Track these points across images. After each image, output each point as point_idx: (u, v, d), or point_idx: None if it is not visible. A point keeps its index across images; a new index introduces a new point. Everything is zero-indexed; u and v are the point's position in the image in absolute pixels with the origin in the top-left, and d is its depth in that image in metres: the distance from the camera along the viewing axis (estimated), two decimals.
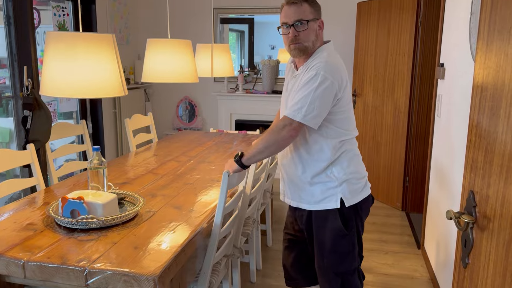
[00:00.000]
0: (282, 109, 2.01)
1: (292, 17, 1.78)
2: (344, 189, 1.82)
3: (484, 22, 1.10)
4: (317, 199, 1.85)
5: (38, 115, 2.55)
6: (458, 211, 1.17)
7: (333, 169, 1.83)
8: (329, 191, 1.83)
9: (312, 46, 1.81)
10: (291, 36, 1.79)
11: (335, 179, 1.83)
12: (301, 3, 1.77)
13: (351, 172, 1.85)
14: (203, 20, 5.31)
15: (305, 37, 1.79)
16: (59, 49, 1.61)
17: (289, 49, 1.84)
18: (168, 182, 2.33)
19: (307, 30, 1.78)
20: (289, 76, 1.96)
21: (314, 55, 1.82)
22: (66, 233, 1.67)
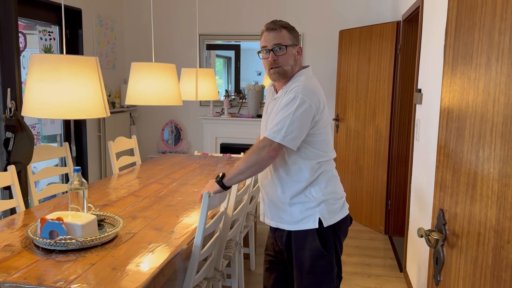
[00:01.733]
0: (262, 131, 2.05)
1: (271, 41, 1.84)
2: (322, 209, 1.85)
3: (448, 48, 1.16)
4: (296, 219, 1.87)
5: (20, 137, 2.54)
6: (428, 229, 1.20)
7: (312, 190, 1.86)
8: (308, 211, 1.86)
9: (291, 70, 1.87)
10: (270, 60, 1.85)
11: (314, 199, 1.86)
12: (280, 29, 1.85)
13: (329, 193, 1.89)
14: (189, 46, 5.40)
15: (284, 61, 1.85)
16: (42, 70, 1.64)
17: (269, 73, 1.89)
18: (149, 204, 2.33)
19: (286, 54, 1.85)
20: (269, 99, 2.01)
21: (293, 79, 1.88)
22: (44, 254, 1.65)
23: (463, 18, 1.10)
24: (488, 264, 0.95)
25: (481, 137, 0.99)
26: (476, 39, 1.02)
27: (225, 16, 5.27)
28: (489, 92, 0.95)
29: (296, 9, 4.99)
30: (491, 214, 0.95)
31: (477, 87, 1.02)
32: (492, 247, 0.94)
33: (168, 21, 5.39)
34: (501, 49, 0.91)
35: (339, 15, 4.93)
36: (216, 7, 5.27)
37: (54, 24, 4.29)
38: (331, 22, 4.91)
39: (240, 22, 5.26)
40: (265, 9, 5.15)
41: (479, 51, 1.01)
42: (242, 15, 5.23)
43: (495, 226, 0.93)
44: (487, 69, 0.97)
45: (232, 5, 5.24)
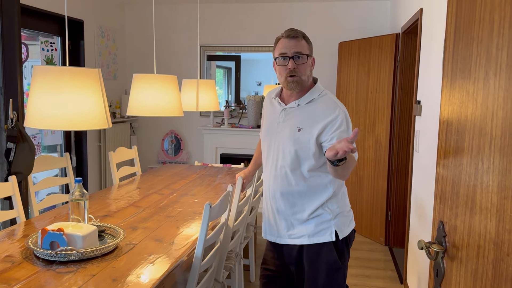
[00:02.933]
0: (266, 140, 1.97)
1: (292, 49, 1.80)
2: (338, 222, 1.84)
3: (447, 62, 1.18)
4: (311, 232, 1.84)
5: (21, 148, 2.55)
6: (429, 241, 1.21)
7: (328, 203, 1.84)
8: (323, 224, 1.83)
9: (307, 80, 1.85)
10: (290, 67, 1.80)
11: (330, 212, 1.84)
12: (301, 38, 1.82)
13: (344, 205, 1.89)
14: (190, 57, 5.44)
15: (302, 71, 1.82)
16: (45, 82, 1.66)
17: (285, 81, 1.84)
18: (150, 215, 2.34)
19: (305, 64, 1.82)
20: (273, 110, 1.96)
21: (315, 91, 1.87)
22: (45, 265, 1.65)
23: (461, 33, 1.12)
24: (488, 277, 0.96)
25: (480, 150, 1.00)
26: (474, 54, 1.04)
27: (226, 27, 5.32)
28: (488, 106, 0.97)
29: (296, 21, 5.03)
30: (490, 226, 0.95)
31: (475, 101, 1.03)
32: (492, 260, 0.95)
33: (169, 32, 5.43)
34: (499, 63, 0.92)
35: (339, 27, 4.97)
36: (216, 18, 5.31)
37: (56, 35, 4.32)
38: (331, 34, 4.95)
39: (240, 33, 5.30)
40: (265, 20, 5.20)
41: (477, 65, 1.02)
42: (243, 26, 5.28)
43: (495, 239, 0.94)
44: (485, 83, 0.98)
45: (232, 16, 5.28)
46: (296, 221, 1.87)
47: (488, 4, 0.98)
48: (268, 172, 1.93)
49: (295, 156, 1.83)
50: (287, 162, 1.85)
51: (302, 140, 1.81)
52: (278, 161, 1.89)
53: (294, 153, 1.83)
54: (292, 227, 1.89)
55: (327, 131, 1.78)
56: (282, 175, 1.86)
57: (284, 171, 1.86)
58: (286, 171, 1.86)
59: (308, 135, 1.81)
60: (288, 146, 1.84)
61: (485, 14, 1.00)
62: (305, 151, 1.82)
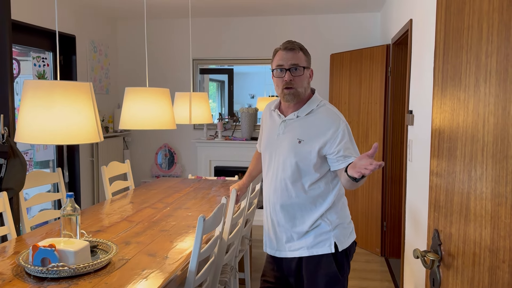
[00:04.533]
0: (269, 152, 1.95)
1: (289, 61, 1.81)
2: (337, 233, 1.82)
3: (438, 70, 1.19)
4: (310, 244, 1.83)
5: (13, 163, 2.53)
6: (424, 250, 1.20)
7: (328, 214, 1.83)
8: (322, 235, 1.82)
9: (304, 92, 1.86)
10: (287, 79, 1.80)
11: (329, 223, 1.82)
12: (298, 50, 1.84)
13: (343, 216, 1.87)
14: (182, 71, 5.45)
15: (299, 83, 1.82)
16: (36, 96, 1.64)
17: (282, 93, 1.84)
18: (143, 229, 2.31)
19: (302, 76, 1.83)
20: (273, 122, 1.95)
21: (313, 102, 1.88)
22: (36, 282, 1.62)
23: (450, 41, 1.13)
24: (485, 284, 0.95)
25: (472, 157, 1.00)
26: (464, 61, 1.04)
27: (218, 40, 5.35)
28: (479, 112, 0.97)
29: (287, 33, 5.07)
30: (485, 234, 0.95)
31: (467, 108, 1.03)
32: (488, 267, 0.94)
33: (161, 46, 5.45)
34: (489, 70, 0.93)
35: (330, 39, 5.02)
36: (209, 32, 5.34)
37: (48, 51, 4.32)
38: (322, 46, 4.99)
39: (232, 46, 5.33)
40: (257, 34, 5.23)
41: (468, 72, 1.03)
42: (235, 40, 5.31)
43: (490, 246, 0.93)
44: (476, 90, 0.98)
45: (224, 30, 5.31)
46: (296, 234, 1.86)
47: (476, 12, 0.99)
48: (268, 184, 1.92)
49: (295, 167, 1.83)
50: (288, 174, 1.84)
51: (303, 152, 1.81)
52: (278, 173, 1.88)
53: (295, 164, 1.83)
54: (292, 239, 1.87)
55: (331, 145, 1.78)
56: (283, 187, 1.86)
57: (285, 183, 1.85)
58: (287, 183, 1.85)
59: (309, 147, 1.81)
60: (288, 158, 1.83)
61: (473, 22, 1.01)
62: (305, 163, 1.82)
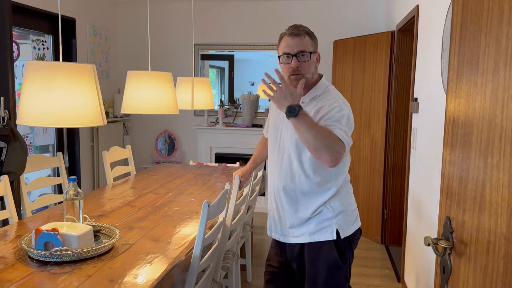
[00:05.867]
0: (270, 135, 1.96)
1: (295, 47, 1.78)
2: (339, 220, 1.80)
3: (454, 54, 1.16)
4: (312, 230, 1.82)
5: (13, 147, 2.50)
6: (435, 237, 1.18)
7: (331, 201, 1.81)
8: (325, 222, 1.80)
9: (311, 78, 1.82)
10: (293, 66, 1.77)
11: (332, 210, 1.81)
12: (303, 35, 1.79)
13: (347, 203, 1.85)
14: (183, 56, 5.39)
15: (306, 69, 1.79)
16: (38, 78, 1.61)
17: (288, 80, 1.80)
18: (145, 214, 2.29)
19: (309, 61, 1.79)
20: None
21: (319, 88, 1.84)
22: (39, 266, 1.60)
23: (468, 24, 1.09)
24: (499, 272, 0.93)
25: (489, 143, 0.98)
26: (483, 45, 1.01)
27: (220, 26, 5.28)
28: (497, 97, 0.94)
29: (290, 18, 5.00)
30: (501, 221, 0.93)
31: (484, 93, 1.00)
32: (503, 255, 0.92)
33: (162, 31, 5.38)
34: (510, 54, 0.90)
35: (333, 25, 4.96)
36: (210, 17, 5.27)
37: (48, 34, 4.26)
38: (326, 32, 4.93)
39: (234, 32, 5.27)
40: (260, 19, 5.16)
41: (486, 56, 1.00)
42: (237, 25, 5.24)
43: (506, 234, 0.91)
44: (495, 74, 0.96)
45: (226, 15, 5.25)
46: (298, 219, 1.84)
47: None
48: (273, 169, 1.91)
49: (297, 153, 1.81)
50: (291, 159, 1.83)
51: None
52: (283, 158, 1.86)
53: (297, 150, 1.81)
54: (295, 225, 1.86)
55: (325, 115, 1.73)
56: (287, 172, 1.84)
57: (289, 168, 1.84)
58: (291, 168, 1.83)
59: None
60: (292, 143, 1.82)
61: (493, 3, 0.98)
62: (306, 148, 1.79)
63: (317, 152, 1.63)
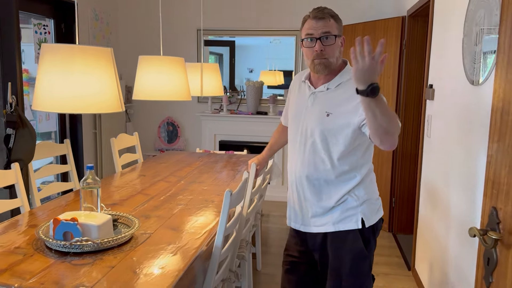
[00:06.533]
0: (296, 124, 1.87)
1: (319, 29, 1.70)
2: (364, 209, 1.76)
3: (504, 35, 1.10)
4: (336, 219, 1.78)
5: (21, 134, 2.43)
6: (481, 228, 1.14)
7: (355, 189, 1.77)
8: (349, 211, 1.76)
9: (335, 62, 1.75)
10: (317, 49, 1.70)
11: (357, 199, 1.77)
12: (328, 18, 1.72)
13: (371, 192, 1.81)
14: (186, 41, 5.29)
15: (330, 52, 1.71)
16: (55, 62, 1.54)
17: (312, 64, 1.74)
18: (160, 203, 2.24)
19: (334, 45, 1.72)
20: (302, 93, 1.87)
21: (345, 74, 1.76)
22: (58, 256, 1.55)
23: None
24: None
25: None
26: None
27: (223, 10, 5.18)
28: None
29: (296, 4, 4.91)
30: None
31: None
32: None
33: (164, 15, 5.27)
34: None
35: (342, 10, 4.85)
36: (212, 1, 5.16)
37: (49, 18, 4.15)
38: None
39: (238, 17, 5.17)
40: (265, 4, 5.06)
41: None
42: (240, 10, 5.14)
43: None
44: None
45: None
46: (322, 208, 1.80)
47: None
48: (296, 158, 1.85)
49: (323, 141, 1.75)
50: (315, 147, 1.77)
51: (331, 126, 1.73)
52: (305, 146, 1.80)
53: (323, 138, 1.75)
54: (317, 214, 1.82)
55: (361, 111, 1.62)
56: (310, 160, 1.78)
57: (312, 156, 1.78)
58: (315, 156, 1.78)
59: (337, 120, 1.72)
60: (316, 131, 1.76)
61: None
62: (333, 136, 1.74)
63: (387, 136, 1.52)
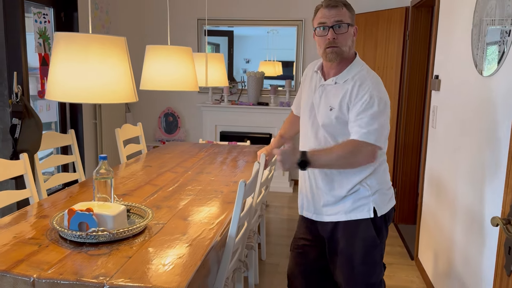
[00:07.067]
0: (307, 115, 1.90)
1: (332, 18, 1.70)
2: (376, 198, 1.78)
3: None
4: (348, 209, 1.79)
5: (27, 124, 2.41)
6: (504, 218, 1.15)
7: (367, 179, 1.78)
8: (361, 200, 1.78)
9: (348, 51, 1.75)
10: (330, 38, 1.71)
11: (369, 188, 1.78)
12: (341, 7, 1.72)
13: (383, 182, 1.82)
14: (185, 31, 5.25)
15: (343, 41, 1.72)
16: (70, 51, 1.52)
17: (324, 53, 1.75)
18: (169, 194, 2.24)
19: (346, 33, 1.72)
20: (312, 84, 1.88)
21: (352, 68, 1.77)
22: (74, 247, 1.55)
23: None
24: None
25: None
26: None
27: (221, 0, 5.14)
28: None
29: None
30: None
31: None
32: None
33: (163, 4, 5.23)
34: None
35: None
36: None
37: (49, 7, 4.09)
38: None
39: (237, 6, 5.13)
40: None
41: None
42: None
43: None
44: None
45: None
46: (334, 197, 1.82)
47: None
48: (308, 147, 1.86)
49: (331, 133, 1.79)
50: (326, 138, 1.80)
51: (333, 120, 1.77)
52: (317, 136, 1.83)
53: (330, 130, 1.79)
54: (329, 203, 1.83)
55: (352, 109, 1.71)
56: None
57: (323, 146, 1.80)
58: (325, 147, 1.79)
59: (337, 114, 1.75)
60: (324, 123, 1.79)
61: None
62: (339, 129, 1.78)
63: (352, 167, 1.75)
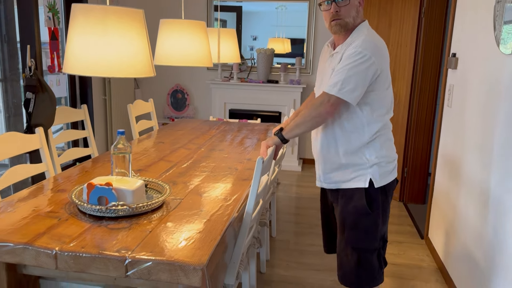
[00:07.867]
0: (316, 91, 2.02)
1: None
2: (374, 171, 1.84)
3: None
4: (347, 178, 1.88)
5: (41, 98, 2.40)
6: None
7: (366, 151, 1.84)
8: (360, 171, 1.85)
9: (352, 22, 1.80)
10: (333, 11, 1.77)
11: (367, 161, 1.84)
12: None
13: (383, 156, 1.86)
14: (193, 5, 5.18)
15: (346, 13, 1.77)
16: (88, 23, 1.50)
17: (329, 26, 1.83)
18: (184, 170, 2.24)
19: (349, 5, 1.77)
20: (327, 57, 1.95)
21: (354, 33, 1.80)
22: (94, 221, 1.56)
23: None
24: None
25: None
26: None
27: None
28: None
29: None
30: None
31: None
32: None
33: None
34: None
35: None
36: None
37: None
38: None
39: None
40: None
41: None
42: None
43: None
44: None
45: None
46: (332, 163, 1.90)
47: None
48: None
49: None
50: None
51: None
52: None
53: None
54: (331, 171, 1.92)
55: None
56: None
57: None
58: None
59: None
60: None
61: None
62: None
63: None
